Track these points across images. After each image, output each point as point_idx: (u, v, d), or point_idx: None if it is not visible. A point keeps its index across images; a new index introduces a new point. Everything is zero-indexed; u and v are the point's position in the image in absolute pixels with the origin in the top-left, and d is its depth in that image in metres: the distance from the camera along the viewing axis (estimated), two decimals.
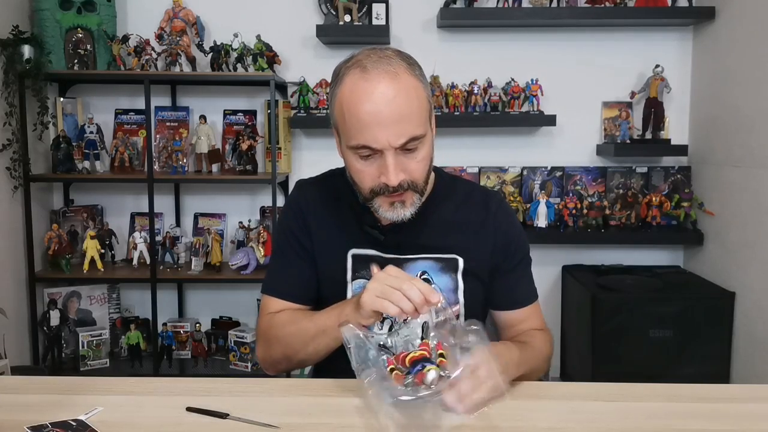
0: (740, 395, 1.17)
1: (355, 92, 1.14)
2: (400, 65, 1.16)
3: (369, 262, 1.28)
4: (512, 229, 1.34)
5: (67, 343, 2.94)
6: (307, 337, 1.21)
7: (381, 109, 1.12)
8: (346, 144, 1.18)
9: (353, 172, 1.21)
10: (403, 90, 1.14)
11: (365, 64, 1.16)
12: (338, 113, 1.18)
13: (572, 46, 3.02)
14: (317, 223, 1.32)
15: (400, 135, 1.13)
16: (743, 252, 2.63)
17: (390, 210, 1.20)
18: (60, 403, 1.07)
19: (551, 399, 1.13)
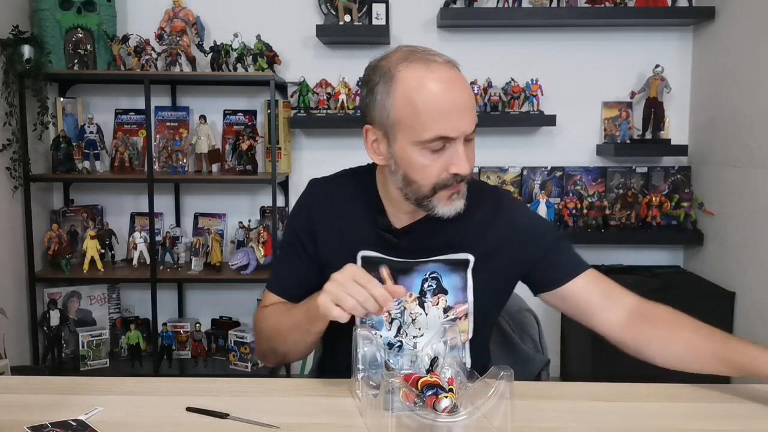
0: (740, 395, 1.17)
1: (426, 82, 1.13)
2: (443, 56, 1.19)
3: (379, 264, 1.27)
4: (530, 221, 1.33)
5: (67, 343, 2.94)
6: (284, 330, 1.23)
7: (456, 97, 1.13)
8: (415, 139, 1.14)
9: (417, 169, 1.17)
10: (464, 80, 1.17)
11: (423, 56, 1.16)
12: (404, 108, 1.14)
13: (572, 46, 3.03)
14: (327, 223, 1.31)
15: (471, 121, 1.15)
16: (743, 252, 2.63)
17: (448, 204, 1.19)
18: (60, 403, 1.07)
19: (551, 399, 1.13)
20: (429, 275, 1.27)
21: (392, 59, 1.18)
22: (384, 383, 0.96)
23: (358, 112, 2.87)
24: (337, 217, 1.31)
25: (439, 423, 0.94)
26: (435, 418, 0.94)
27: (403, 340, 1.27)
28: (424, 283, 1.27)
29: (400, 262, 1.27)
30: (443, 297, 1.27)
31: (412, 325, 1.27)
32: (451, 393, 0.95)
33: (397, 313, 1.27)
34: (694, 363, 1.23)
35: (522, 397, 1.11)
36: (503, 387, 0.94)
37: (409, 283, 1.27)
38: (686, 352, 1.24)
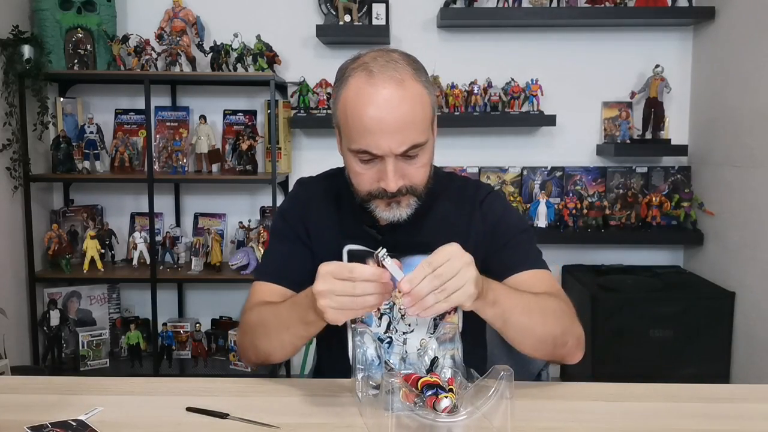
0: (740, 395, 1.17)
1: (360, 96, 1.13)
2: (406, 71, 1.15)
3: (365, 257, 1.27)
4: (498, 213, 1.31)
5: (67, 343, 2.94)
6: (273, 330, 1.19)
7: (384, 116, 1.11)
8: (347, 146, 1.18)
9: (352, 173, 1.21)
10: (408, 97, 1.13)
11: (371, 67, 1.15)
12: (341, 114, 1.18)
13: (572, 46, 3.02)
14: (316, 219, 1.33)
15: (401, 143, 1.13)
16: (743, 252, 2.63)
17: (387, 210, 1.20)
18: (60, 403, 1.07)
19: (551, 399, 1.13)
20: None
21: (355, 62, 1.19)
22: (384, 383, 0.96)
23: None
24: (324, 213, 1.33)
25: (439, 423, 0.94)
26: (435, 418, 0.94)
27: (393, 336, 1.27)
28: None
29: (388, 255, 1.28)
30: None
31: (401, 320, 1.27)
32: (451, 393, 0.95)
33: (386, 309, 1.27)
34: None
35: (522, 397, 1.11)
36: (503, 387, 0.94)
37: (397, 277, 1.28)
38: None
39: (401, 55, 1.20)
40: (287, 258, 1.32)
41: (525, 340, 1.15)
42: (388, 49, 1.22)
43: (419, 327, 1.27)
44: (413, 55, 1.27)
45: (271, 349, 1.21)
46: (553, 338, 1.16)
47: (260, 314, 1.23)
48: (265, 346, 1.21)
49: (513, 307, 1.11)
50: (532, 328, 1.13)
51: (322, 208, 1.33)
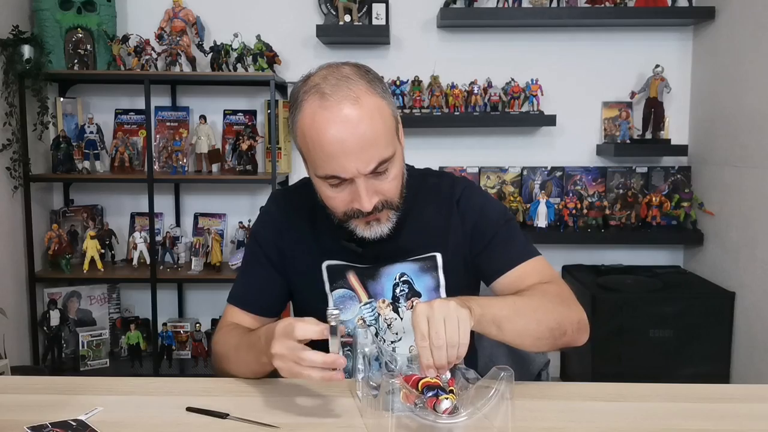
0: (740, 395, 1.17)
1: (316, 122, 1.08)
2: (359, 86, 1.09)
3: (345, 271, 1.27)
4: (477, 209, 1.29)
5: (67, 343, 2.94)
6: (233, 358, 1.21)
7: (345, 138, 1.07)
8: (314, 172, 1.14)
9: (324, 197, 1.17)
10: (366, 114, 1.08)
11: (323, 89, 1.09)
12: (301, 142, 1.14)
13: (572, 46, 3.02)
14: (291, 235, 1.29)
15: (368, 161, 1.09)
16: (743, 252, 2.63)
17: (367, 229, 1.18)
18: (60, 403, 1.07)
19: (551, 399, 1.13)
20: (399, 278, 1.26)
21: (306, 84, 1.13)
22: (384, 384, 0.96)
23: None
24: (300, 228, 1.29)
25: (440, 424, 0.94)
26: (435, 419, 0.94)
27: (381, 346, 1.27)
28: (395, 288, 1.27)
29: (366, 268, 1.27)
30: (417, 300, 1.27)
31: (388, 330, 1.27)
32: (452, 394, 0.95)
33: (371, 320, 1.27)
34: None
35: (522, 397, 1.11)
36: (503, 387, 0.94)
37: (379, 288, 1.27)
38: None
39: (352, 68, 1.13)
40: (258, 285, 1.31)
41: (523, 341, 1.14)
42: (338, 63, 1.15)
43: (407, 334, 1.27)
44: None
45: (240, 374, 1.21)
46: (550, 331, 1.14)
47: (226, 342, 1.24)
48: (235, 372, 1.22)
49: (500, 311, 1.09)
50: (526, 326, 1.12)
51: (298, 224, 1.30)
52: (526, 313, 1.12)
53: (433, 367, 0.96)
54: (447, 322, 0.97)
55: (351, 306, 1.27)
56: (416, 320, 0.98)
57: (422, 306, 0.99)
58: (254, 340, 1.14)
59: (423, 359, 0.97)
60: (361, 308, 1.27)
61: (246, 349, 1.17)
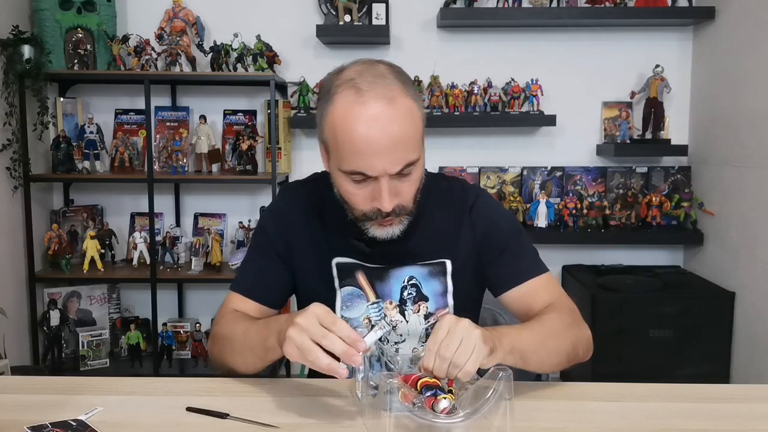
0: (740, 395, 1.17)
1: (349, 116, 1.07)
2: (395, 87, 1.09)
3: (354, 270, 1.27)
4: (489, 218, 1.29)
5: (67, 343, 2.94)
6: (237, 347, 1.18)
7: (377, 137, 1.06)
8: (338, 166, 1.13)
9: (344, 193, 1.17)
10: (399, 115, 1.08)
11: (359, 84, 1.08)
12: (329, 134, 1.12)
13: (572, 46, 3.03)
14: (301, 230, 1.29)
15: (396, 162, 1.09)
16: (743, 252, 2.63)
17: (380, 229, 1.18)
18: (60, 403, 1.07)
19: (551, 399, 1.13)
20: (408, 282, 1.26)
21: (340, 77, 1.12)
22: (383, 384, 0.96)
23: None
24: (310, 224, 1.29)
25: (438, 424, 0.94)
26: (433, 419, 0.93)
27: (384, 347, 1.27)
28: (403, 290, 1.27)
29: (375, 268, 1.27)
30: (424, 304, 1.27)
31: (393, 331, 1.27)
32: (450, 394, 0.95)
33: (377, 320, 1.27)
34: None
35: (522, 397, 1.11)
36: (502, 387, 0.94)
37: (387, 290, 1.27)
38: None
39: (387, 67, 1.13)
40: (264, 275, 1.30)
41: (543, 369, 1.15)
42: (373, 60, 1.15)
43: (411, 336, 1.27)
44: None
45: (235, 365, 1.19)
46: (566, 354, 1.16)
47: (232, 328, 1.21)
48: (230, 361, 1.20)
49: (527, 345, 1.09)
50: (548, 356, 1.13)
51: (308, 219, 1.29)
52: (548, 344, 1.13)
53: (430, 372, 0.97)
54: (463, 343, 0.96)
55: (358, 305, 1.27)
56: (438, 326, 0.99)
57: (450, 318, 1.00)
58: (271, 321, 1.12)
59: (424, 361, 0.97)
60: (368, 308, 1.27)
61: (256, 331, 1.14)
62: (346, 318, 1.27)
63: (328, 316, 0.99)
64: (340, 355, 0.96)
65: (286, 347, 1.00)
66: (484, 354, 0.98)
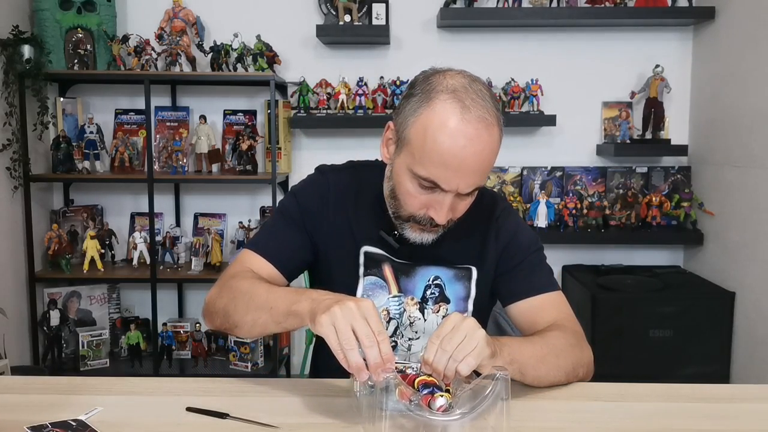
0: (740, 395, 1.17)
1: (447, 128, 1.07)
2: (494, 113, 1.10)
3: (381, 262, 1.27)
4: (512, 231, 1.31)
5: (67, 343, 2.94)
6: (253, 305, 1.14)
7: (467, 158, 1.08)
8: (410, 167, 1.13)
9: (402, 191, 1.17)
10: (491, 143, 1.10)
11: (464, 99, 1.08)
12: (417, 134, 1.11)
13: (572, 46, 3.03)
14: (335, 212, 1.29)
15: (470, 185, 1.11)
16: (743, 252, 2.63)
17: (416, 233, 1.19)
18: (60, 403, 1.07)
19: (551, 399, 1.12)
20: (432, 281, 1.27)
21: (443, 82, 1.12)
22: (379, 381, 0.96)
23: (358, 111, 2.88)
24: (344, 208, 1.29)
25: (434, 421, 0.94)
26: (430, 417, 0.94)
27: (398, 341, 1.27)
28: (427, 289, 1.28)
29: (403, 263, 1.28)
30: (445, 305, 1.28)
31: (409, 327, 1.27)
32: (447, 393, 0.95)
33: (396, 314, 1.27)
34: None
35: (522, 397, 1.11)
36: (499, 387, 0.94)
37: (411, 286, 1.28)
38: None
39: (486, 88, 1.13)
40: (287, 242, 1.28)
41: (540, 383, 1.15)
42: (472, 75, 1.15)
43: (425, 335, 1.27)
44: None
45: (241, 322, 1.15)
46: (566, 374, 1.16)
47: (252, 283, 1.17)
48: (237, 317, 1.16)
49: (528, 359, 1.10)
50: (547, 373, 1.13)
51: (342, 203, 1.30)
52: (548, 360, 1.13)
53: (429, 364, 0.98)
54: (466, 339, 0.97)
55: (379, 295, 1.27)
56: (445, 322, 1.00)
57: (456, 315, 1.02)
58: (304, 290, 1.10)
59: (426, 353, 0.99)
60: (389, 300, 1.27)
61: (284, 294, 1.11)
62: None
63: (379, 321, 0.97)
64: (370, 366, 0.94)
65: (324, 319, 0.96)
66: (486, 354, 0.98)
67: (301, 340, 3.11)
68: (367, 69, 2.95)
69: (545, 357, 1.13)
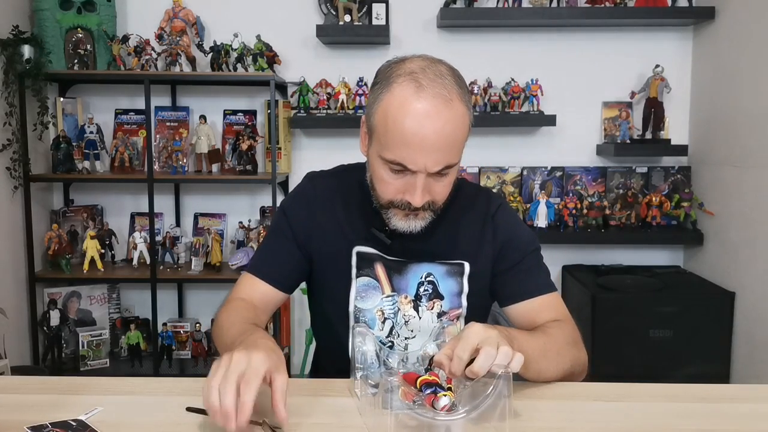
0: (740, 395, 1.17)
1: (404, 108, 1.10)
2: (453, 89, 1.12)
3: (374, 261, 1.28)
4: (510, 229, 1.32)
5: (67, 343, 2.94)
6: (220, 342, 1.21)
7: (427, 135, 1.09)
8: (379, 153, 1.15)
9: (377, 179, 1.19)
10: (452, 119, 1.10)
11: (420, 79, 1.11)
12: (380, 120, 1.14)
13: (572, 46, 3.03)
14: (324, 216, 1.30)
15: (438, 162, 1.12)
16: (743, 252, 2.63)
17: (402, 221, 1.20)
18: (60, 403, 1.07)
19: (551, 399, 1.12)
20: (425, 278, 1.27)
21: (401, 67, 1.15)
22: (382, 382, 0.96)
23: (358, 111, 2.88)
24: (334, 211, 1.31)
25: (438, 421, 0.94)
26: (434, 417, 0.94)
27: (395, 340, 1.27)
28: (420, 286, 1.28)
29: (395, 261, 1.28)
30: (439, 302, 1.28)
31: (404, 326, 1.27)
32: (450, 392, 0.95)
33: (390, 314, 1.27)
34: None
35: (522, 397, 1.11)
36: (501, 385, 0.95)
37: (404, 284, 1.28)
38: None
39: (448, 68, 1.16)
40: (281, 259, 1.31)
41: (540, 378, 1.15)
42: (435, 59, 1.18)
43: (421, 333, 1.27)
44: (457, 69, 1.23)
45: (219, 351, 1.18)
46: (564, 371, 1.18)
47: (227, 317, 1.22)
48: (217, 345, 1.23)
49: (532, 353, 1.10)
50: (547, 367, 1.14)
51: (331, 207, 1.31)
52: (549, 357, 1.15)
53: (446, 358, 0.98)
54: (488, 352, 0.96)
55: (372, 296, 1.28)
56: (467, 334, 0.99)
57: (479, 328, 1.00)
58: (246, 331, 1.11)
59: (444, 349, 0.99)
60: (383, 300, 1.28)
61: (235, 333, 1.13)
62: (359, 308, 1.28)
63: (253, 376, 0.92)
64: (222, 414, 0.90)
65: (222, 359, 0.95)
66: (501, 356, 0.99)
67: (301, 340, 3.11)
68: (367, 69, 2.95)
69: (548, 352, 1.14)
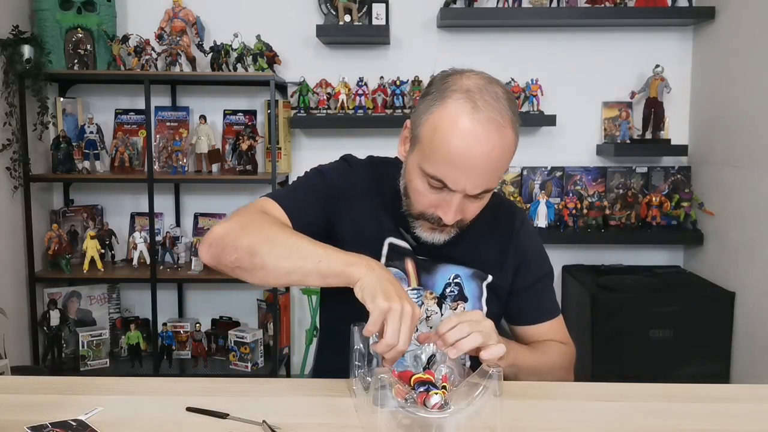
0: (740, 395, 1.17)
1: (455, 126, 1.08)
2: (507, 116, 1.10)
3: (404, 255, 1.28)
4: (530, 248, 1.34)
5: (67, 343, 2.94)
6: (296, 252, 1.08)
7: (474, 157, 1.08)
8: (420, 164, 1.14)
9: (412, 189, 1.18)
10: (500, 145, 1.09)
11: (476, 100, 1.09)
12: (427, 132, 1.12)
13: (572, 46, 3.03)
14: (360, 201, 1.29)
15: (478, 186, 1.11)
16: (743, 252, 2.63)
17: (427, 232, 1.21)
18: (60, 403, 1.07)
19: (551, 399, 1.13)
20: (453, 279, 1.29)
21: (459, 82, 1.12)
22: (374, 380, 0.97)
23: (358, 111, 2.88)
24: (370, 198, 1.30)
25: (429, 419, 0.94)
26: (425, 414, 0.94)
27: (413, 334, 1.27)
28: (446, 287, 1.29)
29: (425, 260, 1.29)
30: (463, 304, 1.29)
31: (425, 321, 1.28)
32: (443, 390, 0.95)
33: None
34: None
35: (522, 397, 1.11)
36: (492, 384, 0.95)
37: (431, 283, 1.29)
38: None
39: (504, 91, 1.13)
40: (308, 207, 1.25)
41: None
42: (491, 78, 1.15)
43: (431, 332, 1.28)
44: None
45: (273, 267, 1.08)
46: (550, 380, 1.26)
47: (292, 232, 1.13)
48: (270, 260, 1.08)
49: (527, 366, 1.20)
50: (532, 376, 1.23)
51: (367, 193, 1.30)
52: (540, 373, 1.23)
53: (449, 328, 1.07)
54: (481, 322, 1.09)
55: None
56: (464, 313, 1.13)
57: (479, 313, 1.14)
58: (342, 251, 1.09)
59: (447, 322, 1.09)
60: (408, 292, 1.27)
61: (316, 244, 1.08)
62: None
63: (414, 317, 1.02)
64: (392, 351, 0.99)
65: (382, 305, 0.99)
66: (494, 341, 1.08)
67: (301, 340, 3.11)
68: (367, 69, 2.95)
69: (540, 369, 1.22)
